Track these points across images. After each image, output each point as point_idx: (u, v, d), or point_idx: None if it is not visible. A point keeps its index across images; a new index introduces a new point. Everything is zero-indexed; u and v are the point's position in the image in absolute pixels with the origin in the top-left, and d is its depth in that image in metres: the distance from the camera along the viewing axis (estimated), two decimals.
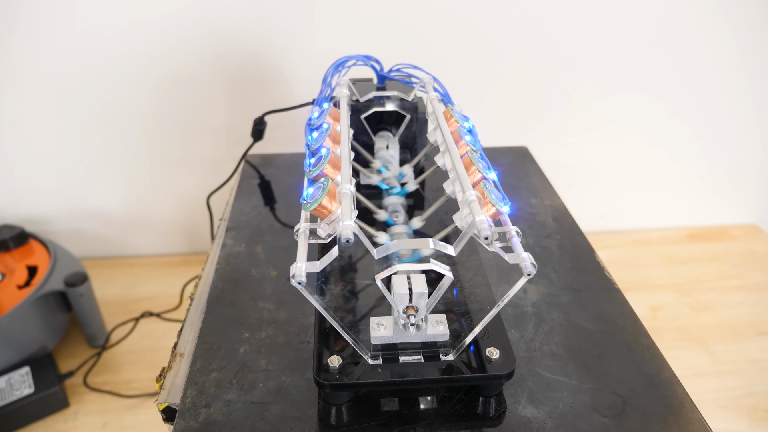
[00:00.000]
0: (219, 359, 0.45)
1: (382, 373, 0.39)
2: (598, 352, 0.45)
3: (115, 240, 1.10)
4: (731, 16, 0.94)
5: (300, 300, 0.45)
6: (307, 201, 0.38)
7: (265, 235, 0.60)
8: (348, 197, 0.37)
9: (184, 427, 0.39)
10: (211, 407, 0.41)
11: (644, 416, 0.40)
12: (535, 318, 0.48)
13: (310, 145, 0.44)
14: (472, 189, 0.38)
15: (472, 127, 0.48)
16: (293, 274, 0.34)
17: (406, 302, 0.38)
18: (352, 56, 0.57)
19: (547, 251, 0.56)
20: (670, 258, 1.10)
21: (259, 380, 0.43)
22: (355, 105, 0.57)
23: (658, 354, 0.45)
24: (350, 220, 0.34)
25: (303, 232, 0.38)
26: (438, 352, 0.40)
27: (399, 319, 0.39)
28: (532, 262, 0.35)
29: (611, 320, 0.48)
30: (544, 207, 0.64)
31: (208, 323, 0.48)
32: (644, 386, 0.42)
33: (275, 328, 0.47)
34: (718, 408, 0.81)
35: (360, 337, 0.40)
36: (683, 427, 0.40)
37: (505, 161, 0.74)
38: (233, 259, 0.56)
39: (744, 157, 1.11)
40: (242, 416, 0.40)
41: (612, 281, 0.53)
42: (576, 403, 0.41)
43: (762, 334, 0.93)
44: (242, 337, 0.47)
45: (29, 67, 0.91)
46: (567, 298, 0.51)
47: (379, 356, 0.40)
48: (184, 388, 0.42)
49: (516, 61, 0.97)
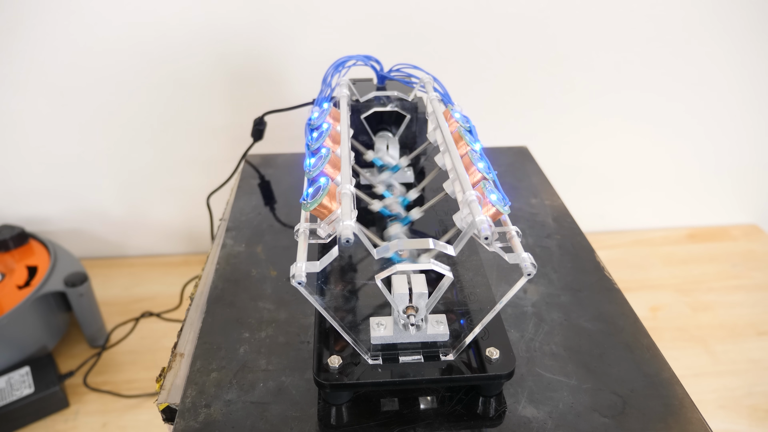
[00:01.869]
0: (219, 359, 0.45)
1: (382, 373, 0.38)
2: (598, 352, 0.45)
3: (115, 240, 1.11)
4: (731, 16, 0.94)
5: (300, 300, 0.45)
6: (307, 201, 0.38)
7: (265, 235, 0.60)
8: (348, 197, 0.37)
9: (184, 427, 0.39)
10: (211, 407, 0.41)
11: (644, 416, 0.40)
12: (535, 318, 0.48)
13: (310, 145, 0.44)
14: (472, 189, 0.38)
15: (472, 127, 0.48)
16: (293, 274, 0.34)
17: (406, 302, 0.38)
18: (352, 56, 0.57)
19: (547, 251, 0.56)
20: (670, 258, 1.10)
21: (259, 380, 0.43)
22: (355, 105, 0.57)
23: (658, 354, 0.45)
24: (350, 220, 0.34)
25: (303, 233, 0.38)
26: (438, 352, 0.40)
27: (399, 319, 0.39)
28: (532, 262, 0.35)
29: (611, 320, 0.48)
30: (544, 207, 0.64)
31: (208, 323, 0.48)
32: (644, 386, 0.42)
33: (275, 328, 0.47)
34: (718, 408, 0.81)
35: (360, 337, 0.40)
36: (683, 427, 0.39)
37: (505, 161, 0.74)
38: (233, 259, 0.56)
39: (744, 157, 1.11)
40: (242, 416, 0.40)
41: (612, 281, 0.53)
42: (576, 403, 0.41)
43: (762, 334, 0.93)
44: (242, 337, 0.46)
45: (30, 67, 0.91)
46: (567, 298, 0.51)
47: (379, 356, 0.40)
48: (184, 388, 0.42)
49: (515, 61, 0.97)
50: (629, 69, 0.99)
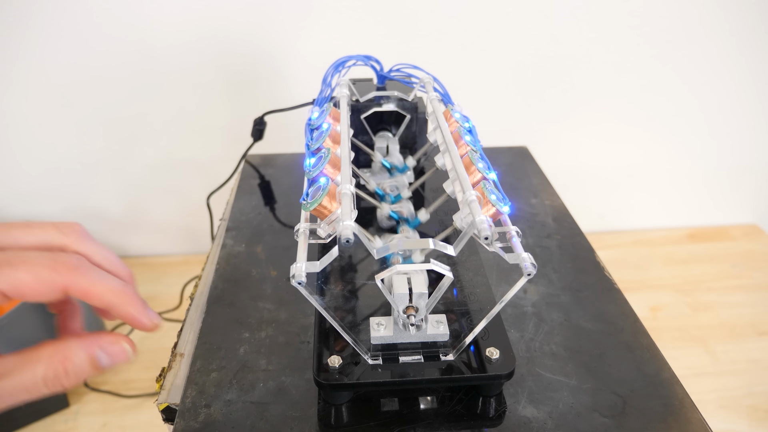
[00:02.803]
0: (219, 359, 0.45)
1: (382, 373, 0.38)
2: (598, 352, 0.45)
3: (115, 240, 1.10)
4: (731, 16, 0.94)
5: (300, 300, 0.45)
6: (307, 201, 0.38)
7: (265, 235, 0.60)
8: (348, 197, 0.37)
9: (184, 427, 0.39)
10: (211, 407, 0.41)
11: (644, 416, 0.40)
12: (535, 318, 0.48)
13: (310, 145, 0.44)
14: (472, 189, 0.38)
15: (472, 127, 0.47)
16: (293, 274, 0.34)
17: (406, 302, 0.38)
18: (352, 56, 0.57)
19: (547, 251, 0.56)
20: (670, 258, 1.10)
21: (259, 380, 0.43)
22: (355, 105, 0.57)
23: (658, 354, 0.45)
24: (350, 221, 0.34)
25: (303, 232, 0.37)
26: (438, 352, 0.40)
27: (399, 319, 0.39)
28: (532, 262, 0.35)
29: (611, 320, 0.48)
30: (544, 207, 0.64)
31: (208, 323, 0.48)
32: (644, 386, 0.42)
33: (275, 328, 0.47)
34: (718, 408, 0.81)
35: (360, 337, 0.40)
36: (683, 427, 0.40)
37: (505, 161, 0.74)
38: (233, 259, 0.56)
39: (744, 157, 1.11)
40: (242, 416, 0.40)
41: (612, 281, 0.53)
42: (576, 403, 0.41)
43: (762, 334, 0.93)
44: (242, 337, 0.47)
45: (30, 67, 0.91)
46: (567, 298, 0.51)
47: (379, 356, 0.39)
48: (184, 388, 0.42)
49: (515, 61, 0.97)
50: (629, 69, 0.99)
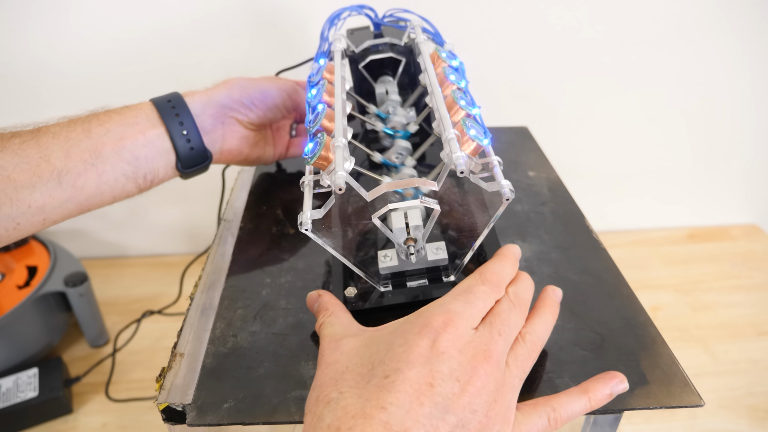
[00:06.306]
0: (244, 299, 0.51)
1: (394, 297, 0.45)
2: (582, 299, 0.50)
3: (115, 240, 1.11)
4: (731, 15, 0.94)
5: (316, 252, 0.54)
6: (308, 156, 0.42)
7: (283, 196, 0.64)
8: (341, 149, 0.40)
9: (215, 351, 0.46)
10: (238, 336, 0.47)
11: (619, 350, 0.45)
12: (528, 271, 0.51)
13: (309, 102, 0.48)
14: (452, 128, 0.41)
15: (459, 64, 0.50)
16: (300, 222, 0.38)
17: (405, 235, 0.44)
18: (345, 8, 0.58)
19: (540, 216, 0.62)
20: (670, 258, 1.11)
21: (280, 316, 0.49)
22: (352, 56, 0.59)
23: (636, 302, 0.50)
24: (342, 171, 0.38)
25: (308, 184, 0.42)
26: (441, 275, 0.46)
27: (401, 251, 0.45)
28: (510, 189, 0.38)
29: (596, 273, 0.53)
30: (541, 179, 0.69)
31: (234, 270, 0.55)
32: (621, 327, 0.47)
33: (294, 275, 0.54)
34: (718, 408, 0.81)
35: (370, 269, 0.47)
36: (654, 360, 0.45)
37: (506, 139, 0.79)
38: (256, 219, 0.60)
39: (744, 157, 1.11)
40: (265, 344, 0.46)
41: (599, 242, 0.58)
42: (560, 339, 0.46)
43: (762, 334, 0.93)
44: (264, 282, 0.53)
45: (30, 67, 0.91)
46: (556, 255, 0.56)
47: (389, 283, 0.46)
48: (214, 320, 0.49)
49: (515, 59, 0.97)
50: (629, 69, 0.99)
